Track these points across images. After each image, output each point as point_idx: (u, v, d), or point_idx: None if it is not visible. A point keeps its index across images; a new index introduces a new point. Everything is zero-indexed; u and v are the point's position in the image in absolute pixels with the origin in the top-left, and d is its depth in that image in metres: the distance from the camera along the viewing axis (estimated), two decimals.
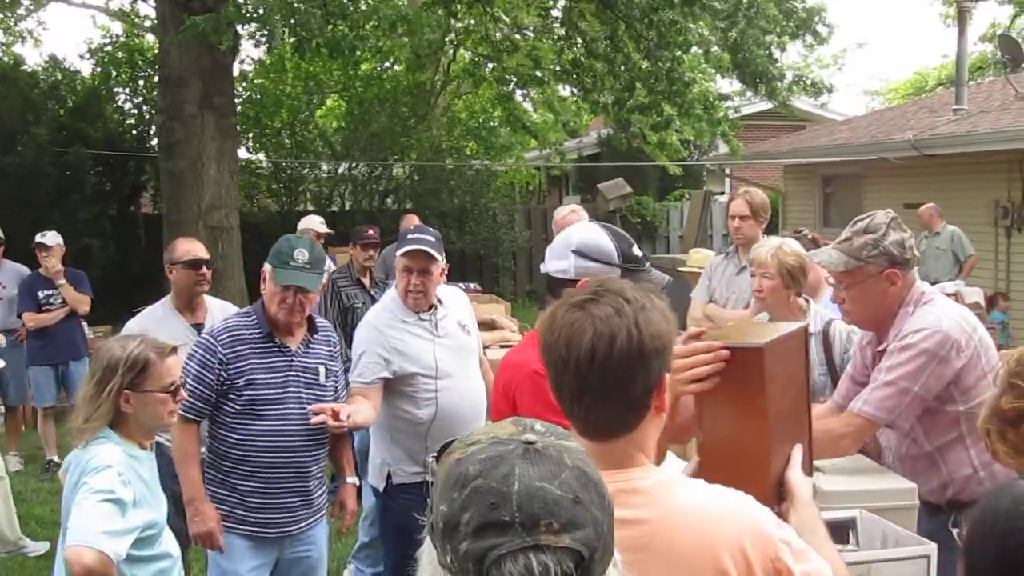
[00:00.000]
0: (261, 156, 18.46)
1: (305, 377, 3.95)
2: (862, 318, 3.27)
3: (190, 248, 5.07)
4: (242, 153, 16.50)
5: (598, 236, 2.77)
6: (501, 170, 19.48)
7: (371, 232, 7.20)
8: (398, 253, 4.26)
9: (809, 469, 2.16)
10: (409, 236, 4.28)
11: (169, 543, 3.22)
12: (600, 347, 1.70)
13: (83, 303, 8.21)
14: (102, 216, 15.36)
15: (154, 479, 3.23)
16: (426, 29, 12.87)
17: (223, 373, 3.83)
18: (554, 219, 6.24)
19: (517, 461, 1.27)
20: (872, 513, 2.70)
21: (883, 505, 2.75)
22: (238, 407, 3.84)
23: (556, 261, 2.77)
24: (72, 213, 14.30)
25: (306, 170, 18.01)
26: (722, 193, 22.54)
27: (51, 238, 8.18)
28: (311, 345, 4.00)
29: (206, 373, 3.83)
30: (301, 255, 3.84)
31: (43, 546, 6.49)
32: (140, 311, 5.05)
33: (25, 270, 8.47)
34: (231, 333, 3.89)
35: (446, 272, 4.50)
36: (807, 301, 4.30)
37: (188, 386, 3.75)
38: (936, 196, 12.06)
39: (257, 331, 3.90)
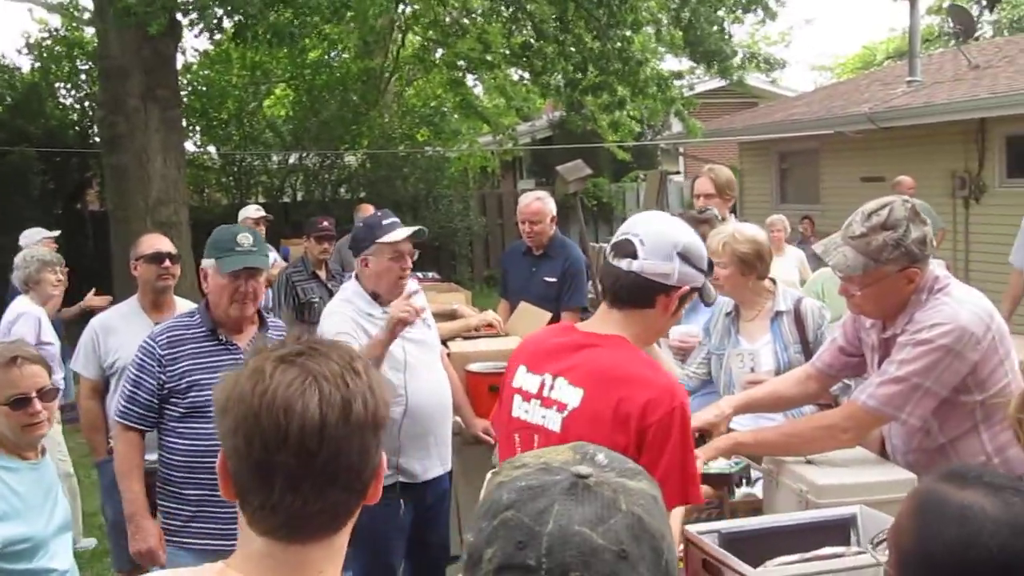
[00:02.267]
0: (211, 149, 18.12)
1: None
2: (875, 314, 3.04)
3: (153, 242, 4.80)
4: (189, 146, 16.19)
5: (697, 239, 2.47)
6: (454, 156, 19.28)
7: (326, 224, 6.97)
8: (384, 240, 4.04)
9: None
10: (387, 222, 4.12)
11: (56, 558, 2.99)
12: (331, 414, 1.34)
13: None
14: (48, 216, 14.92)
15: (36, 491, 2.99)
16: (371, 14, 12.65)
17: (162, 376, 3.59)
18: (520, 206, 6.02)
19: (559, 496, 1.08)
20: (872, 508, 2.54)
21: (883, 498, 2.59)
22: (182, 411, 3.60)
23: (659, 262, 2.37)
24: (16, 214, 13.88)
25: (256, 161, 17.69)
26: (677, 172, 22.50)
27: None
28: (262, 341, 3.77)
29: (145, 377, 3.61)
30: (245, 239, 3.62)
31: (91, 542, 6.51)
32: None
33: None
34: (170, 333, 3.67)
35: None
36: (773, 282, 4.17)
37: (127, 392, 3.61)
38: (893, 169, 12.01)
39: (199, 330, 3.67)
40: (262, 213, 9.18)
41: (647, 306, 2.43)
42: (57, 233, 8.94)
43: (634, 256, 2.37)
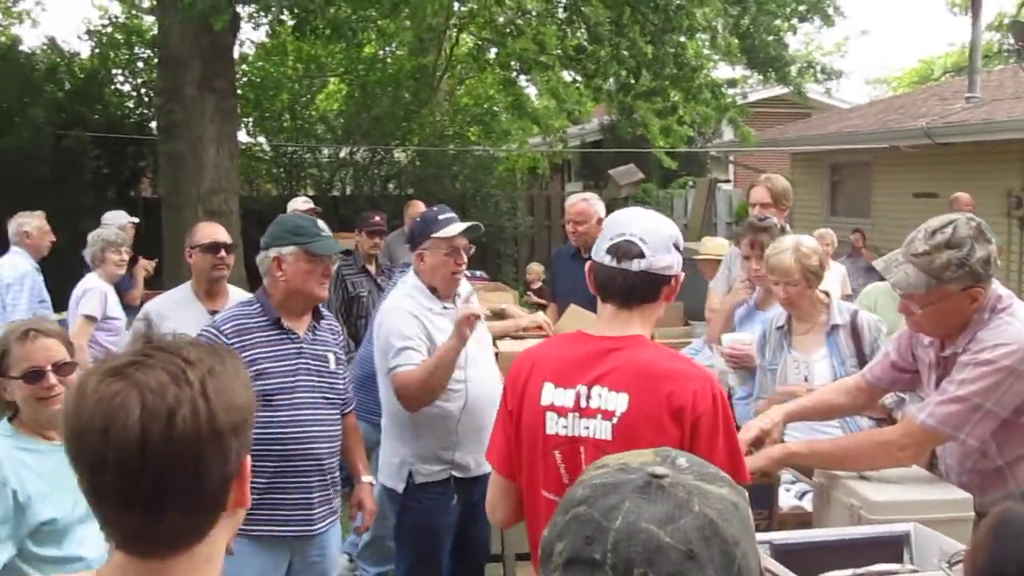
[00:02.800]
0: (262, 140, 18.25)
1: (315, 365, 3.72)
2: (935, 332, 2.99)
3: (210, 231, 4.85)
4: (242, 137, 16.31)
5: (676, 228, 2.58)
6: (503, 156, 19.27)
7: (377, 219, 7.00)
8: (439, 235, 4.09)
9: None
10: (443, 217, 4.17)
11: (84, 545, 2.93)
12: (154, 429, 1.24)
13: None
14: (101, 200, 15.15)
15: (61, 473, 2.97)
16: (428, 11, 12.69)
17: None
18: (566, 207, 6.03)
19: (631, 494, 1.08)
20: (925, 527, 2.51)
21: (937, 517, 2.56)
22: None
23: (663, 255, 2.46)
24: (71, 197, 14.09)
25: (307, 154, 17.80)
26: (727, 181, 22.35)
27: None
28: (317, 332, 3.79)
29: None
30: (323, 225, 3.75)
31: None
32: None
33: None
34: (236, 322, 3.65)
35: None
36: (826, 294, 4.14)
37: None
38: (947, 185, 11.86)
39: (263, 319, 3.66)
40: (310, 205, 9.13)
41: (655, 300, 2.52)
42: (136, 220, 9.07)
43: (641, 256, 2.43)
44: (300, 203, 9.15)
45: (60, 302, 8.11)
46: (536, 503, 2.54)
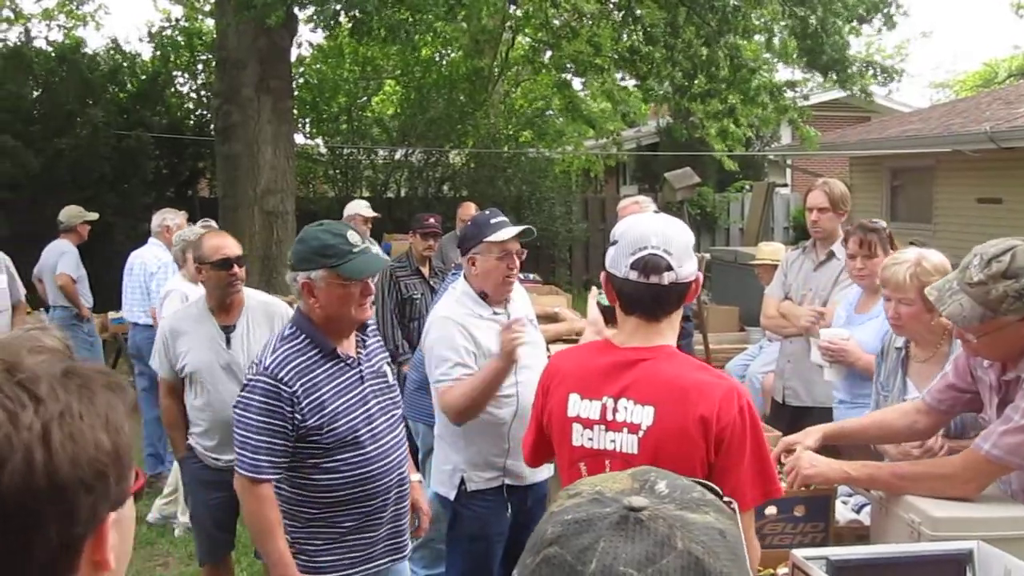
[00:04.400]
0: (319, 141, 18.39)
1: (378, 384, 3.43)
2: (993, 357, 2.86)
3: (218, 245, 4.50)
4: (299, 138, 16.45)
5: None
6: (558, 158, 19.23)
7: (432, 221, 6.99)
8: (492, 239, 3.94)
9: None
10: (495, 220, 4.01)
11: None
12: None
13: None
14: (160, 199, 15.40)
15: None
16: (484, 14, 12.69)
17: (296, 416, 3.16)
18: (618, 209, 5.97)
19: (606, 532, 0.98)
20: (990, 545, 2.42)
21: (1002, 535, 2.47)
22: (326, 445, 3.21)
23: (688, 263, 2.41)
24: (130, 197, 14.30)
25: (363, 156, 17.90)
26: (784, 185, 22.10)
27: None
28: (367, 344, 3.48)
29: (276, 423, 3.15)
30: (353, 237, 3.24)
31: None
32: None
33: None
34: (291, 365, 3.20)
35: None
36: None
37: (253, 442, 3.15)
38: (1011, 191, 11.61)
39: (316, 352, 3.25)
40: (372, 213, 8.96)
41: (680, 307, 2.49)
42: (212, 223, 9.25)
43: (669, 268, 2.37)
44: (362, 208, 8.92)
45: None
46: None
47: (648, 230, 2.42)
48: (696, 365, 2.49)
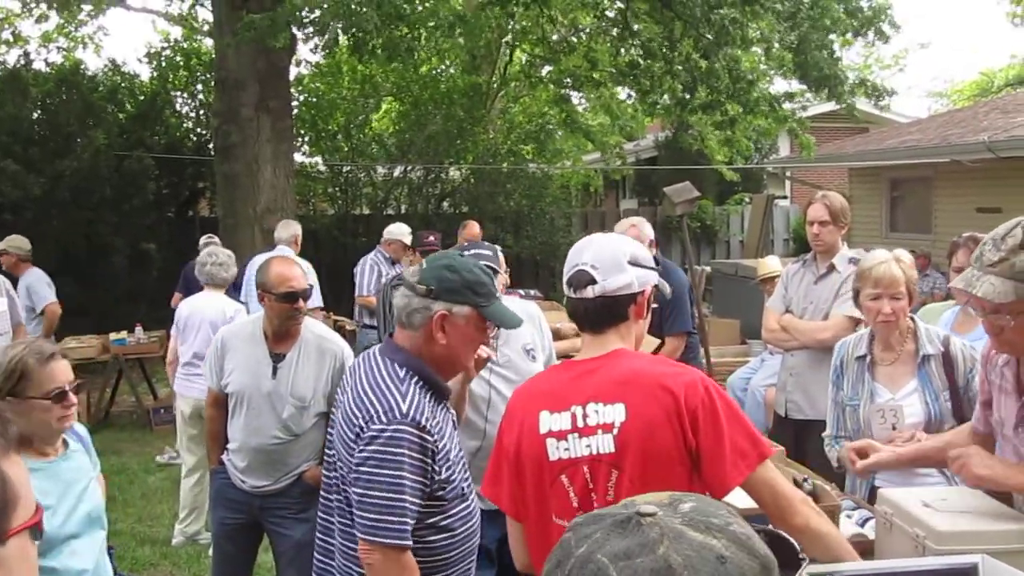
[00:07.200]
0: (318, 160, 18.42)
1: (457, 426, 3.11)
2: None
3: (285, 275, 4.26)
4: (298, 157, 16.47)
5: (637, 243, 2.62)
6: (557, 173, 19.25)
7: (432, 239, 7.01)
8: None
9: None
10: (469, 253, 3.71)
11: (75, 556, 2.97)
12: None
13: None
14: (161, 220, 15.44)
15: (52, 488, 2.98)
16: (484, 30, 12.74)
17: (435, 469, 2.76)
18: (615, 231, 5.96)
19: (608, 526, 1.08)
20: (995, 559, 2.41)
21: (1008, 548, 2.45)
22: (450, 497, 2.84)
23: (616, 277, 2.49)
24: (130, 217, 14.32)
25: (362, 173, 17.93)
26: (784, 197, 22.12)
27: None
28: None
29: (420, 480, 2.72)
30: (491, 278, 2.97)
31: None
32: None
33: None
34: (427, 412, 2.77)
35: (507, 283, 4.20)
36: (912, 319, 3.78)
37: (398, 506, 2.68)
38: (1010, 200, 11.61)
39: (431, 394, 2.84)
40: (413, 235, 8.48)
41: (623, 320, 2.55)
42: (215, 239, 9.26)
43: (593, 282, 2.49)
44: (405, 235, 8.34)
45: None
46: (548, 534, 2.49)
47: (583, 248, 2.57)
48: (654, 359, 2.59)
